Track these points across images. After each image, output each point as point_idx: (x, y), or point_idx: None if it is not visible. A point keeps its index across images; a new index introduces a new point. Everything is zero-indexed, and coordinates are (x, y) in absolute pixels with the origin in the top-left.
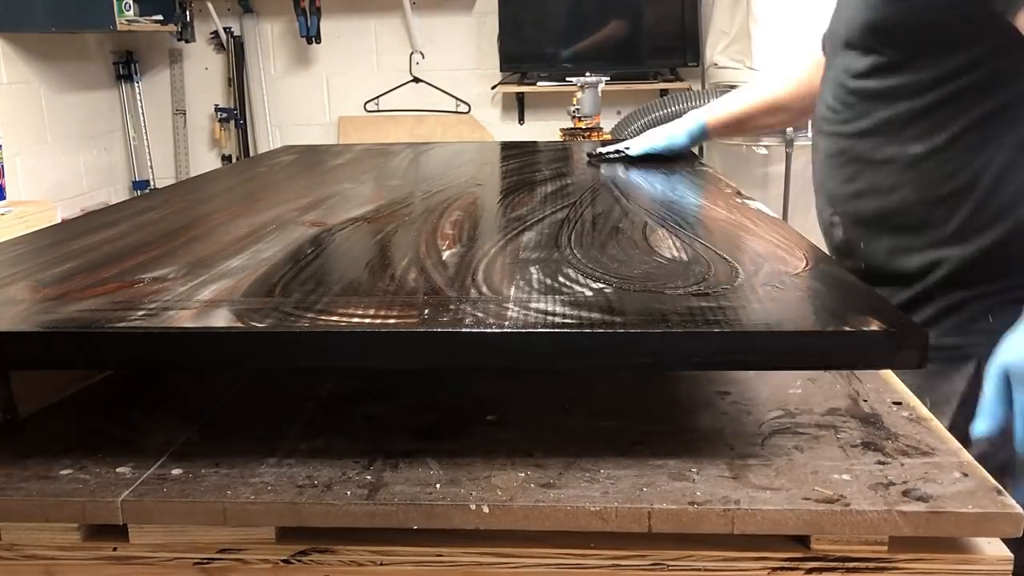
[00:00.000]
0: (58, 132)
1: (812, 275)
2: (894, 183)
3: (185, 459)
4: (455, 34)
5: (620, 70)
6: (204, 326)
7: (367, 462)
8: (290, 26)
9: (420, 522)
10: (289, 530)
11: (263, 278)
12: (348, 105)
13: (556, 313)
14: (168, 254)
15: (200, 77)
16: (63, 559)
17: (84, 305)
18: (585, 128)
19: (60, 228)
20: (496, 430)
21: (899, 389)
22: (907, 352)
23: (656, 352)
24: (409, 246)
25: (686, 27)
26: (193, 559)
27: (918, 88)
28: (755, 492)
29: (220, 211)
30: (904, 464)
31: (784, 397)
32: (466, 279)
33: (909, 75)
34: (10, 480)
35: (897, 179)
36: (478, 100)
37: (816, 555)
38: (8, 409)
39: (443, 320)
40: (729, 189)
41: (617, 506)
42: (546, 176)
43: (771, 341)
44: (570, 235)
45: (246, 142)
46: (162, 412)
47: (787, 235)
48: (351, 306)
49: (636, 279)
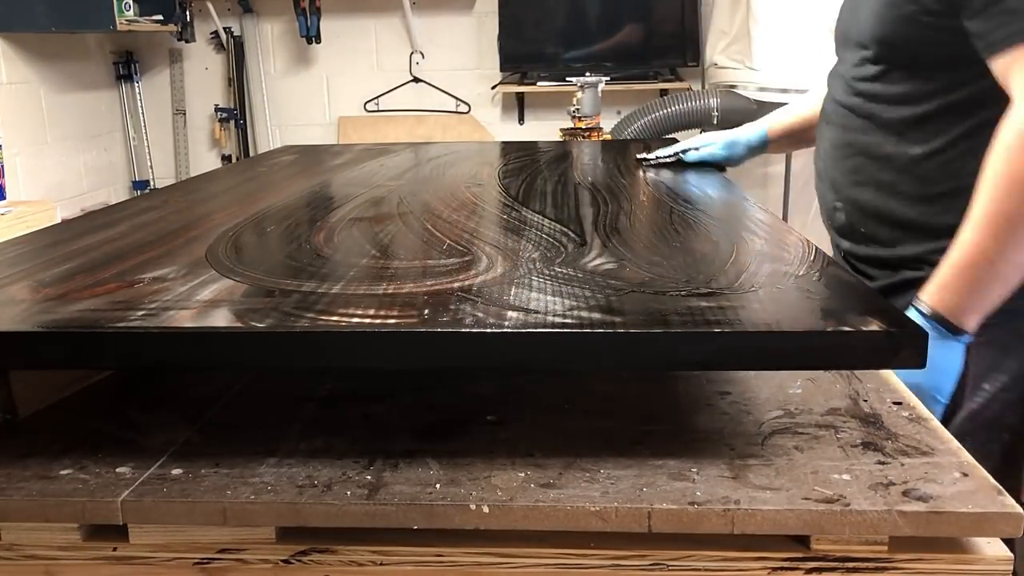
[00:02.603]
0: (58, 132)
1: (812, 275)
2: (894, 179)
3: (185, 459)
4: (455, 34)
5: (620, 70)
6: (204, 326)
7: (367, 462)
8: (290, 26)
9: (420, 522)
10: (289, 530)
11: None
12: (348, 105)
13: (556, 313)
14: (168, 254)
15: (200, 77)
16: (63, 559)
17: (84, 305)
18: (585, 128)
19: (60, 228)
20: (496, 430)
21: (899, 389)
22: (907, 352)
23: (656, 352)
24: (409, 246)
25: (686, 27)
26: (193, 559)
27: (921, 96)
28: (755, 492)
29: (220, 211)
30: (904, 464)
31: (784, 397)
32: (466, 279)
33: (913, 84)
34: (10, 480)
35: (897, 176)
36: (478, 100)
37: (816, 555)
38: (8, 409)
39: (443, 320)
40: (729, 188)
41: (617, 506)
42: (546, 176)
43: (771, 341)
44: (571, 235)
45: (246, 142)
46: (162, 412)
47: (787, 235)
48: (351, 306)
49: (636, 279)
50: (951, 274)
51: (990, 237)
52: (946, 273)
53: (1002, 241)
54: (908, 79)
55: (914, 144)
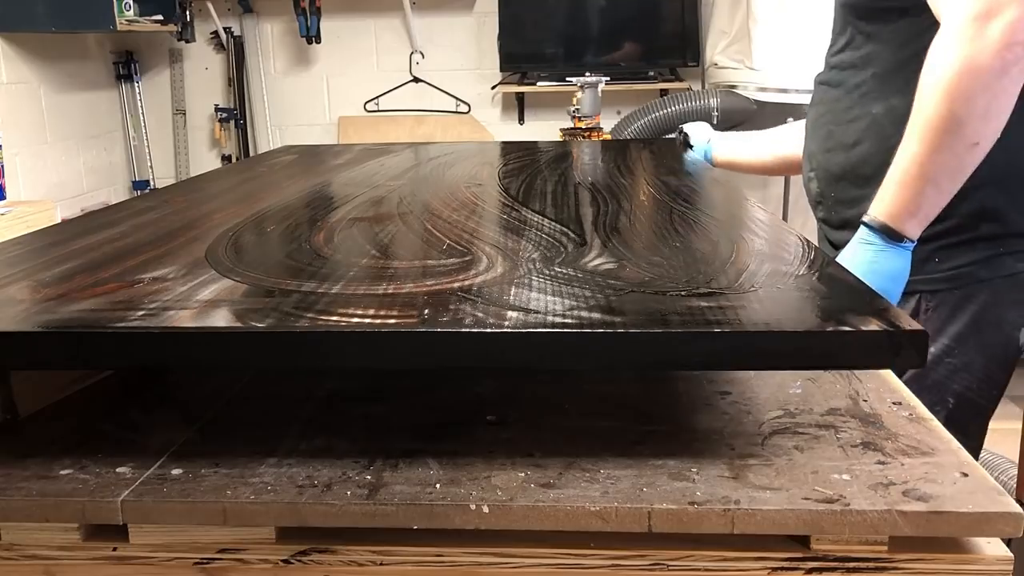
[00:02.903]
0: (58, 132)
1: (812, 275)
2: (857, 139)
3: (185, 459)
4: (455, 34)
5: (620, 70)
6: (204, 326)
7: (367, 462)
8: (290, 26)
9: (420, 522)
10: (289, 530)
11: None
12: (348, 105)
13: (556, 313)
14: (168, 254)
15: (200, 77)
16: (63, 559)
17: (84, 305)
18: (585, 128)
19: (60, 228)
20: (496, 430)
21: (899, 389)
22: (907, 352)
23: (656, 352)
24: (409, 246)
25: (686, 27)
26: (193, 559)
27: (878, 56)
28: (755, 492)
29: (220, 211)
30: (904, 464)
31: (784, 397)
32: (466, 279)
33: (871, 46)
34: (10, 480)
35: (860, 135)
36: (478, 100)
37: (816, 555)
38: (8, 409)
39: (443, 320)
40: (730, 188)
41: (617, 506)
42: (546, 176)
43: (771, 341)
44: (571, 235)
45: (246, 142)
46: (162, 412)
47: (787, 235)
48: (351, 306)
49: (636, 279)
50: (890, 185)
51: (919, 143)
52: (886, 185)
53: (928, 144)
54: (867, 42)
55: (875, 103)
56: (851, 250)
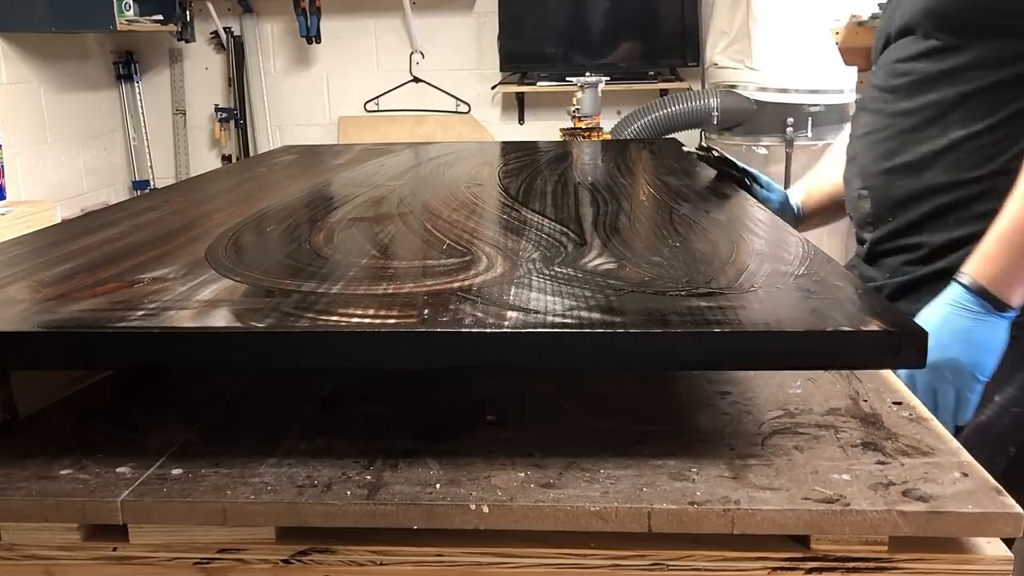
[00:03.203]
0: (58, 132)
1: (812, 275)
2: (930, 163)
3: (185, 459)
4: (455, 34)
5: (620, 70)
6: (204, 326)
7: (367, 462)
8: (290, 26)
9: (420, 522)
10: (289, 530)
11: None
12: (348, 105)
13: (556, 313)
14: (168, 254)
15: (200, 77)
16: (63, 559)
17: (84, 305)
18: (585, 128)
19: (60, 228)
20: (496, 430)
21: (899, 389)
22: (907, 352)
23: (656, 352)
24: (409, 246)
25: (686, 27)
26: (193, 559)
27: (965, 74)
28: (755, 492)
29: (220, 211)
30: (904, 464)
31: (784, 397)
32: (466, 279)
33: (958, 59)
34: (10, 480)
35: (933, 160)
36: (478, 100)
37: (816, 555)
38: (8, 409)
39: (443, 320)
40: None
41: (617, 506)
42: (546, 176)
43: (771, 341)
44: (571, 235)
45: (246, 142)
46: (162, 412)
47: (787, 235)
48: (351, 306)
49: (636, 279)
50: (996, 245)
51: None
52: (991, 244)
53: None
54: (952, 55)
55: (955, 126)
56: (940, 313)
